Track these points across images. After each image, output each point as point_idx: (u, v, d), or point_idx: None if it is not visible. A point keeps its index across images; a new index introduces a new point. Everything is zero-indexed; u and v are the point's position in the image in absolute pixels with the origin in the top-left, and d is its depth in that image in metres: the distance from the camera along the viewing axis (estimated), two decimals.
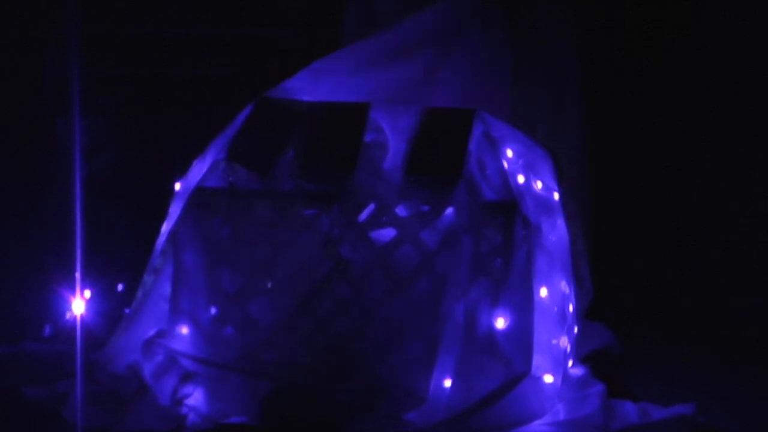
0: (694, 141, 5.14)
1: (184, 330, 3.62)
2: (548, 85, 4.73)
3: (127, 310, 3.90)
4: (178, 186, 3.84)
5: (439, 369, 3.48)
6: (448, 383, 3.47)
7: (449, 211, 3.56)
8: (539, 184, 3.80)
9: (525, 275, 3.50)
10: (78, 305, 3.98)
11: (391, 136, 3.69)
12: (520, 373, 3.44)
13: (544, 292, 3.61)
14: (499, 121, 3.82)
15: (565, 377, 3.69)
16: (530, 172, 3.79)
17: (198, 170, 3.77)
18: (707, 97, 5.06)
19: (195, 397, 3.55)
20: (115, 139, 5.35)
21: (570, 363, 3.82)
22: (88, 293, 4.18)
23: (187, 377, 3.57)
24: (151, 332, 3.69)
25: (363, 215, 3.58)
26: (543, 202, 3.76)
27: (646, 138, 5.24)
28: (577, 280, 3.87)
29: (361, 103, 3.80)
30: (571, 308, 3.80)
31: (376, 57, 4.12)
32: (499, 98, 4.26)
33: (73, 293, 4.00)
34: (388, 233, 3.59)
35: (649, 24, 5.24)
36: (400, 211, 3.58)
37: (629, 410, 3.56)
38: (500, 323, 3.47)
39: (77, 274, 3.93)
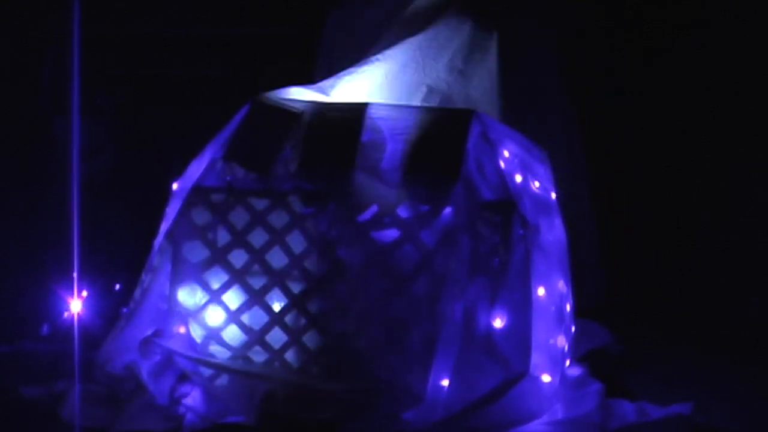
0: (694, 141, 5.14)
1: (182, 329, 3.62)
2: (541, 86, 4.75)
3: (124, 310, 3.91)
4: (175, 186, 3.84)
5: (437, 368, 3.48)
6: (446, 383, 3.47)
7: (448, 210, 3.56)
8: (536, 184, 3.80)
9: (523, 274, 3.50)
10: (76, 305, 3.99)
11: (389, 136, 3.69)
12: (518, 372, 3.44)
13: (541, 291, 3.61)
14: (496, 121, 3.82)
15: (563, 376, 3.69)
16: (527, 172, 3.79)
17: (195, 170, 3.77)
18: (707, 97, 5.06)
19: (192, 397, 3.55)
20: (113, 139, 5.35)
21: (568, 362, 3.81)
22: (85, 293, 4.19)
23: (184, 377, 3.57)
24: (149, 332, 3.68)
25: (366, 215, 3.58)
26: (541, 201, 3.76)
27: (646, 138, 5.24)
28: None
29: (358, 103, 3.80)
30: (568, 307, 3.80)
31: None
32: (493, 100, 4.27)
33: (71, 293, 4.01)
34: (387, 233, 3.58)
35: (649, 24, 5.24)
36: (401, 211, 3.58)
37: (627, 409, 3.57)
38: (498, 323, 3.47)
39: (75, 274, 3.94)
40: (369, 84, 4.04)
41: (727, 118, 5.01)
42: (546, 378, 3.56)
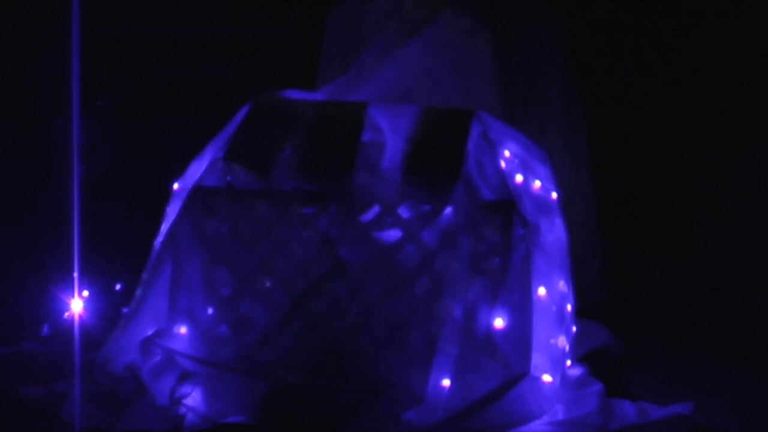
0: (694, 141, 5.14)
1: (183, 330, 3.62)
2: (542, 84, 4.76)
3: (125, 310, 3.91)
4: (176, 186, 3.85)
5: (437, 369, 3.48)
6: (446, 383, 3.47)
7: (448, 210, 3.56)
8: (537, 184, 3.80)
9: (523, 275, 3.50)
10: (76, 305, 3.98)
11: (389, 136, 3.69)
12: (518, 373, 3.44)
13: (542, 291, 3.61)
14: (496, 121, 3.82)
15: (564, 377, 3.69)
16: (528, 171, 3.79)
17: (196, 170, 3.77)
18: (708, 96, 5.06)
19: (193, 397, 3.55)
20: (113, 140, 5.35)
21: (568, 363, 3.81)
22: (86, 293, 4.19)
23: (185, 377, 3.57)
24: (150, 332, 3.69)
25: (367, 215, 3.58)
26: (541, 201, 3.76)
27: (646, 138, 5.24)
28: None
29: (358, 103, 3.81)
30: (569, 308, 3.80)
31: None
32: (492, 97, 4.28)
33: (72, 293, 4.00)
34: (388, 233, 3.58)
35: (648, 24, 5.24)
36: (402, 211, 3.58)
37: (627, 410, 3.56)
38: (498, 323, 3.47)
39: (75, 274, 3.93)
40: (368, 89, 4.05)
41: (727, 118, 5.01)
42: (547, 378, 3.56)
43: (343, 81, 4.08)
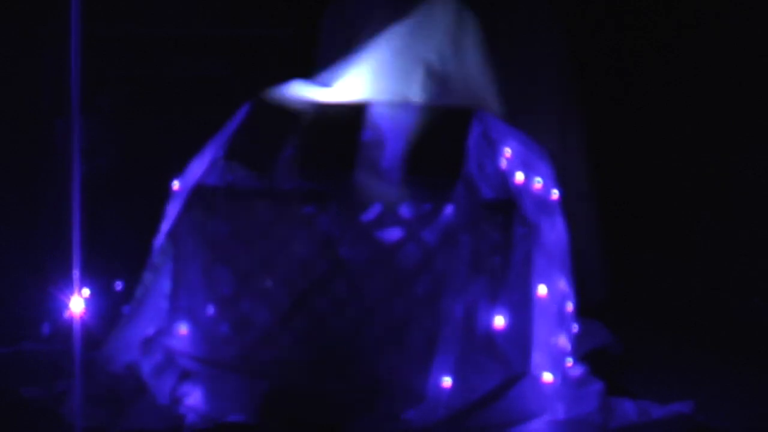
0: (695, 140, 5.14)
1: (183, 329, 3.62)
2: (541, 90, 4.76)
3: (125, 310, 3.90)
4: (176, 185, 3.84)
5: (437, 368, 3.48)
6: (447, 382, 3.47)
7: (448, 210, 3.56)
8: (538, 184, 3.80)
9: (524, 274, 3.51)
10: (76, 304, 3.97)
11: (389, 135, 3.69)
12: (518, 372, 3.44)
13: (542, 290, 3.61)
14: (497, 120, 3.83)
15: (564, 376, 3.69)
16: (529, 171, 3.79)
17: (196, 169, 3.78)
18: (707, 96, 5.05)
19: (193, 397, 3.55)
20: (113, 140, 5.35)
21: (569, 362, 3.81)
22: (86, 292, 4.18)
23: (185, 376, 3.57)
24: (150, 331, 3.69)
25: (368, 215, 3.59)
26: (542, 201, 3.76)
27: (646, 138, 5.24)
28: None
29: (358, 103, 3.81)
30: (570, 307, 3.80)
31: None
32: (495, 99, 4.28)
33: (72, 292, 4.00)
34: (389, 233, 3.59)
35: (648, 24, 5.24)
36: (403, 211, 3.58)
37: (628, 409, 3.57)
38: (499, 322, 3.47)
39: (75, 273, 3.93)
40: (367, 73, 4.04)
41: (728, 118, 5.01)
42: (547, 377, 3.56)
43: (341, 67, 4.08)
